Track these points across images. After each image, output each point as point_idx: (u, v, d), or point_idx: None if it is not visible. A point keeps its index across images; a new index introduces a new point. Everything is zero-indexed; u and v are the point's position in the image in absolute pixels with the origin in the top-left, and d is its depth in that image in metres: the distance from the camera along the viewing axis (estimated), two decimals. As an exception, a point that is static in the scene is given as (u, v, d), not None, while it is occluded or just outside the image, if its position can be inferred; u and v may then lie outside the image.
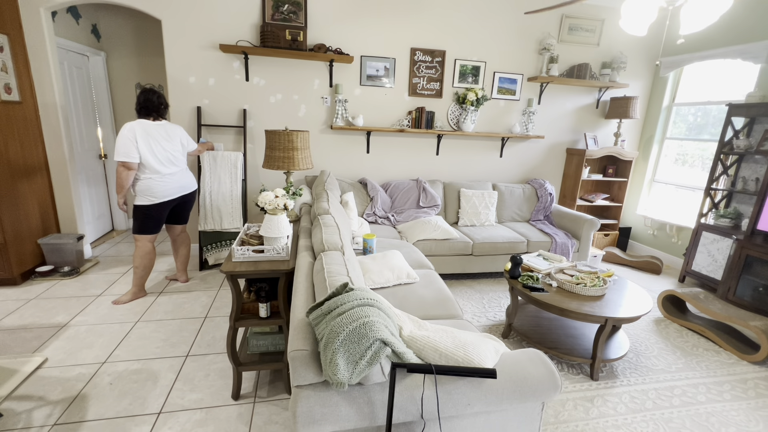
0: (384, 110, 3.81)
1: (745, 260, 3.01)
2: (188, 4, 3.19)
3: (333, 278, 1.54)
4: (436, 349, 1.27)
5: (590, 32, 4.02)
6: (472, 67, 3.87)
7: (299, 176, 3.81)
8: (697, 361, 2.46)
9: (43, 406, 1.83)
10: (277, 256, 1.92)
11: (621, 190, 4.39)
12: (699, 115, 4.00)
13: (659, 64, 4.25)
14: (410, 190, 3.80)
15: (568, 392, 2.11)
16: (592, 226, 3.57)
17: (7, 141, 2.88)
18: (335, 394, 1.15)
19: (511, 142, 4.21)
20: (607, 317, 2.10)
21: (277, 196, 2.05)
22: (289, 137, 2.55)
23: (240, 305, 1.87)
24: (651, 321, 2.95)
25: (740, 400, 2.12)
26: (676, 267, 4.11)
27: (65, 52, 3.56)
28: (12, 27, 2.93)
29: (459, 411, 1.23)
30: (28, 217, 3.08)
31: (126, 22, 4.06)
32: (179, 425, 1.77)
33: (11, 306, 2.70)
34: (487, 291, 3.34)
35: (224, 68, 3.39)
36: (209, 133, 3.52)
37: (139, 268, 2.83)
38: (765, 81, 3.34)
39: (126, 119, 4.28)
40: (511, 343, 2.54)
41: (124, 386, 1.99)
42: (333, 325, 1.18)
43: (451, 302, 2.16)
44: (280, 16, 3.32)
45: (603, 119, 4.37)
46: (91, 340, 2.36)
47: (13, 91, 2.93)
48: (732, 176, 3.50)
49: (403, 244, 3.04)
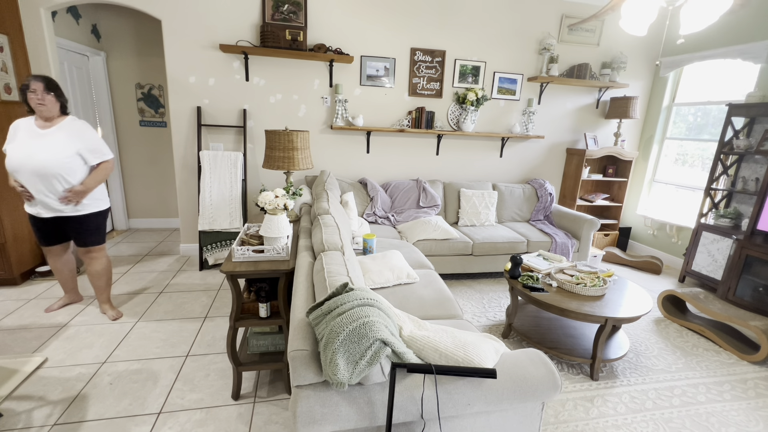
0: (384, 110, 3.81)
1: (745, 260, 3.01)
2: (188, 4, 3.19)
3: (333, 278, 1.54)
4: (436, 349, 1.27)
5: (590, 32, 4.02)
6: (472, 67, 3.87)
7: (299, 176, 3.81)
8: (697, 361, 2.46)
9: (43, 406, 1.83)
10: (277, 256, 1.92)
11: (621, 190, 4.39)
12: (699, 115, 4.00)
13: (659, 64, 4.25)
14: (410, 190, 3.80)
15: (568, 392, 2.11)
16: (592, 226, 3.57)
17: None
18: (335, 394, 1.15)
19: (511, 142, 4.21)
20: (607, 317, 2.10)
21: (277, 196, 2.05)
22: (289, 137, 2.55)
23: (240, 305, 1.87)
24: (651, 321, 2.95)
25: (740, 400, 2.12)
26: (676, 267, 4.11)
27: (65, 52, 3.56)
28: (12, 27, 2.93)
29: (459, 411, 1.23)
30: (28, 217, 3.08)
31: (126, 22, 4.05)
32: (179, 425, 1.77)
33: (11, 306, 2.70)
34: (487, 291, 3.34)
35: (224, 68, 3.39)
36: (209, 133, 3.52)
37: (107, 279, 2.62)
38: (765, 81, 3.34)
39: (126, 119, 4.28)
40: (511, 343, 2.54)
41: (124, 386, 1.99)
42: (333, 325, 1.18)
43: (451, 302, 2.16)
44: (280, 16, 3.32)
45: (603, 119, 4.37)
46: (91, 340, 2.36)
47: (13, 91, 2.93)
48: (732, 176, 3.50)
49: (403, 244, 3.04)
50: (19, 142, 2.19)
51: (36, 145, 2.20)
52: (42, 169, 2.20)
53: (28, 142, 2.20)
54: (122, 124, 4.29)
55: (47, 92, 2.19)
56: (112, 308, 2.66)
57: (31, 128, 2.22)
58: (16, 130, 2.23)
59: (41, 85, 2.18)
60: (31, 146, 2.19)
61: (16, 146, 2.19)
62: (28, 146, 2.19)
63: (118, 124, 4.31)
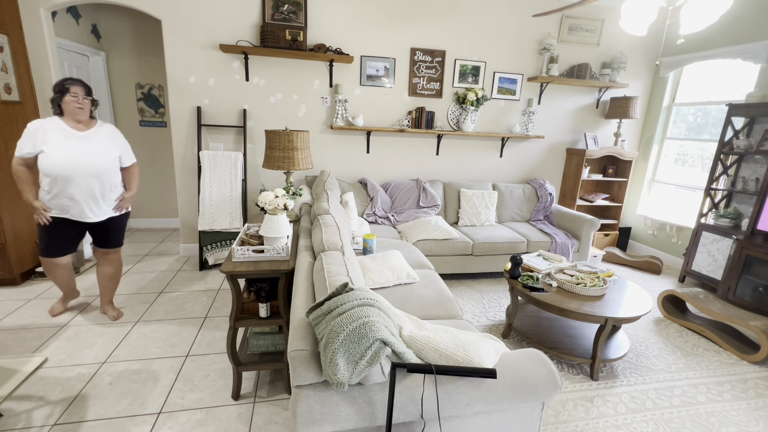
0: (384, 110, 3.81)
1: (745, 260, 3.00)
2: (188, 4, 3.19)
3: (333, 278, 1.54)
4: (436, 349, 1.27)
5: (590, 32, 4.02)
6: (472, 67, 3.87)
7: (299, 176, 3.81)
8: (697, 361, 2.46)
9: (43, 406, 1.83)
10: (277, 256, 1.92)
11: (621, 190, 4.39)
12: (699, 115, 4.00)
13: (659, 64, 4.25)
14: (410, 190, 3.80)
15: (568, 392, 2.11)
16: (592, 226, 3.57)
17: (7, 141, 2.88)
18: (335, 394, 1.15)
19: (511, 142, 4.21)
20: (607, 317, 2.10)
21: (277, 196, 2.05)
22: (289, 137, 2.55)
23: (240, 305, 1.87)
24: (651, 321, 2.95)
25: (740, 400, 2.12)
26: (676, 267, 4.11)
27: (65, 52, 3.56)
28: (12, 27, 2.93)
29: (459, 411, 1.23)
30: (28, 217, 3.08)
31: (126, 22, 4.05)
32: (179, 425, 1.77)
33: (11, 306, 2.70)
34: (487, 291, 3.34)
35: (224, 68, 3.39)
36: (209, 133, 3.52)
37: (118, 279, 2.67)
38: (765, 81, 3.34)
39: (126, 119, 4.28)
40: (511, 343, 2.54)
41: (124, 386, 1.99)
42: (333, 325, 1.18)
43: (451, 302, 2.16)
44: (280, 16, 3.32)
45: (603, 119, 4.37)
46: (91, 340, 2.36)
47: (13, 91, 2.93)
48: (732, 176, 3.50)
49: (403, 244, 3.04)
50: (60, 144, 2.14)
51: (84, 147, 2.19)
52: (97, 171, 2.23)
53: (72, 144, 2.17)
54: (122, 124, 4.29)
55: (86, 96, 2.21)
56: (113, 308, 2.65)
57: (64, 130, 2.17)
58: (45, 131, 2.13)
59: (82, 89, 2.19)
60: (78, 148, 2.18)
61: (58, 148, 2.13)
62: (75, 148, 2.17)
63: (118, 124, 4.31)
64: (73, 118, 2.20)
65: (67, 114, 2.19)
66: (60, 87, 2.15)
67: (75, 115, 2.19)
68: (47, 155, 2.11)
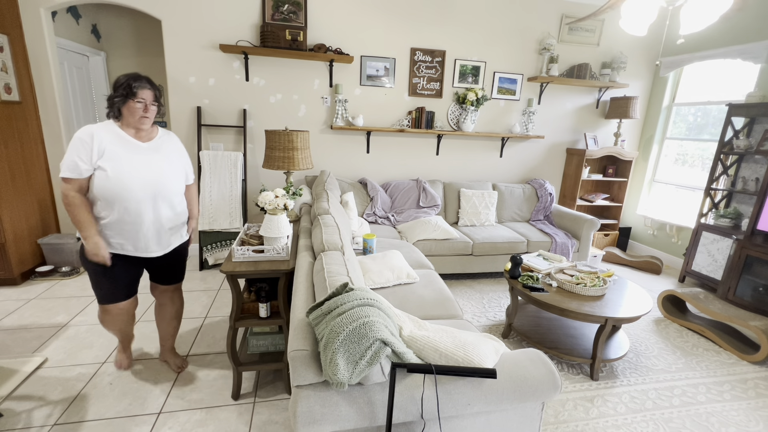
0: (384, 110, 3.81)
1: (745, 260, 3.00)
2: (188, 4, 3.19)
3: (333, 278, 1.54)
4: (436, 349, 1.27)
5: (590, 32, 4.01)
6: (472, 67, 3.87)
7: (299, 176, 3.80)
8: (697, 361, 2.46)
9: (43, 406, 1.83)
10: (277, 256, 1.92)
11: (621, 190, 4.39)
12: (699, 115, 4.00)
13: (659, 64, 4.25)
14: (410, 190, 3.80)
15: (568, 392, 2.11)
16: (592, 226, 3.57)
17: (7, 141, 2.88)
18: (335, 394, 1.15)
19: (511, 142, 4.21)
20: (607, 317, 2.10)
21: (277, 196, 2.05)
22: (289, 137, 2.55)
23: (240, 305, 1.87)
24: (651, 321, 2.95)
25: (740, 400, 2.12)
26: (676, 267, 4.11)
27: (65, 52, 3.56)
28: (12, 27, 2.93)
29: (459, 411, 1.23)
30: (28, 217, 3.08)
31: (126, 22, 4.05)
32: (179, 425, 1.77)
33: (11, 306, 2.70)
34: (487, 291, 3.34)
35: (224, 68, 3.39)
36: (209, 133, 3.52)
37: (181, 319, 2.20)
38: (765, 81, 3.34)
39: (126, 119, 4.28)
40: (511, 343, 2.54)
41: (124, 386, 1.99)
42: (333, 325, 1.18)
43: (451, 302, 2.16)
44: (280, 16, 3.32)
45: (603, 119, 4.37)
46: (91, 340, 2.36)
47: (13, 91, 2.93)
48: (732, 176, 3.50)
49: (403, 244, 3.04)
50: (122, 158, 1.64)
51: (148, 162, 1.71)
52: (166, 192, 1.76)
53: (135, 158, 1.68)
54: (122, 124, 4.29)
55: (154, 102, 1.71)
56: (176, 355, 2.18)
57: (124, 140, 1.68)
58: (101, 142, 1.61)
59: (151, 93, 1.69)
60: (142, 163, 1.69)
61: (119, 165, 1.63)
62: (139, 163, 1.68)
63: (118, 124, 4.30)
64: (139, 126, 1.71)
65: (127, 121, 1.68)
66: (126, 89, 1.63)
67: (139, 124, 1.70)
68: (105, 173, 1.61)
